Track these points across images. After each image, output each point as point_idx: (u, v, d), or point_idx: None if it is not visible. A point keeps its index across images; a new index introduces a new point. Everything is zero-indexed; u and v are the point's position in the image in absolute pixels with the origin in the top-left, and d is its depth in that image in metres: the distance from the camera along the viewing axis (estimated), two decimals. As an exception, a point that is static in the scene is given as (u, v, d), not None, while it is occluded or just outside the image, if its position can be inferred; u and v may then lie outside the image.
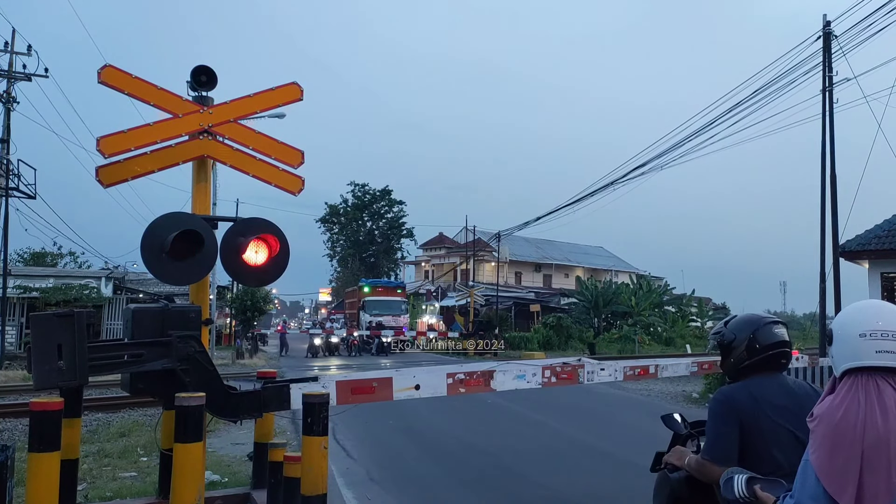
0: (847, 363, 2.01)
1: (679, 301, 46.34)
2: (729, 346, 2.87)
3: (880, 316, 2.01)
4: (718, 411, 2.75)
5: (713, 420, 2.79)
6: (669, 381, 18.14)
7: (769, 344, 2.78)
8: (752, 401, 2.68)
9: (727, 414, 2.71)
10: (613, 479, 7.83)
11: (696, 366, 7.19)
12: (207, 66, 5.68)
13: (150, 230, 4.96)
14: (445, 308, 47.70)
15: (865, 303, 2.12)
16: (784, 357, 2.82)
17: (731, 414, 2.70)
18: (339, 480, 7.42)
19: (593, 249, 74.07)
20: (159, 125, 5.49)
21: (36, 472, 3.90)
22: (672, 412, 3.82)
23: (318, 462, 4.42)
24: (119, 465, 8.09)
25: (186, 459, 4.02)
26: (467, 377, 5.38)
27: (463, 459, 8.86)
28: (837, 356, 2.06)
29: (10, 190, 23.38)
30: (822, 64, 17.94)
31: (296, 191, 5.94)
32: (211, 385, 4.49)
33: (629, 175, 25.45)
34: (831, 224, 17.78)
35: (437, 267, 65.51)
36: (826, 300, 18.02)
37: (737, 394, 2.75)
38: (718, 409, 2.75)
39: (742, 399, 2.71)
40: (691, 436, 3.74)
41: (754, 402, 2.67)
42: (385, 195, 72.71)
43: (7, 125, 23.62)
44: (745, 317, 2.91)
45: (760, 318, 2.85)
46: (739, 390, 2.76)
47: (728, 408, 2.72)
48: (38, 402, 3.96)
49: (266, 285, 14.58)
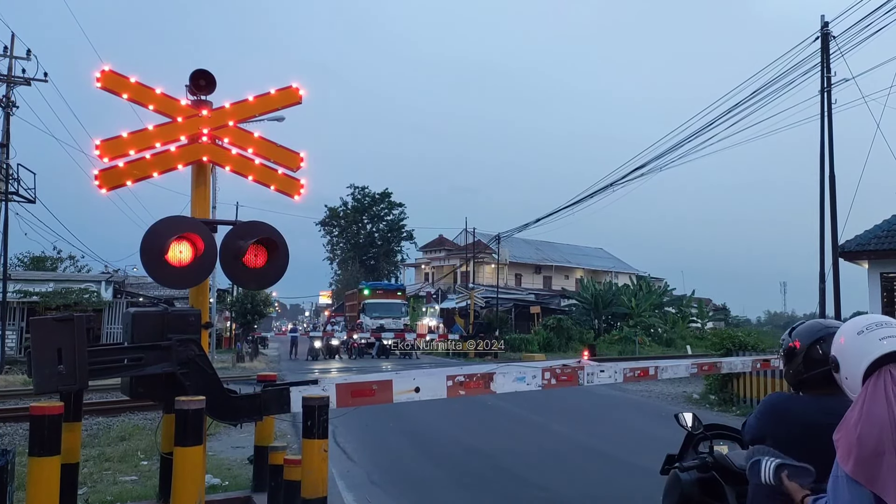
0: (860, 367, 2.02)
1: (679, 302, 46.35)
2: (790, 355, 2.59)
3: (869, 317, 2.12)
4: (757, 412, 2.67)
5: (753, 417, 2.71)
6: (670, 382, 18.13)
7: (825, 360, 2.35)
8: (791, 414, 2.52)
9: (761, 416, 2.63)
10: (613, 480, 7.83)
11: (695, 367, 7.20)
12: (206, 70, 5.70)
13: (150, 234, 4.97)
14: (445, 310, 47.65)
15: (853, 318, 2.23)
16: None
17: (764, 417, 2.61)
18: (339, 483, 7.42)
19: (593, 251, 74.08)
20: (158, 129, 5.51)
21: (36, 476, 3.89)
22: (683, 412, 3.79)
23: (318, 465, 4.42)
24: (119, 468, 8.09)
25: (187, 463, 4.02)
26: (467, 379, 5.39)
27: (463, 462, 8.86)
28: (850, 372, 2.08)
29: (10, 194, 23.41)
30: (821, 64, 17.96)
31: (295, 194, 5.94)
32: (211, 388, 4.49)
33: (629, 176, 25.46)
34: (830, 224, 17.80)
35: (437, 269, 65.48)
36: (826, 300, 18.02)
37: (779, 403, 2.61)
38: (759, 409, 2.67)
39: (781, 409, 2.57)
40: (704, 437, 3.71)
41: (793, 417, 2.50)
42: (385, 198, 72.77)
43: (7, 130, 23.65)
44: (810, 323, 2.61)
45: (826, 327, 2.49)
46: (785, 401, 2.60)
47: (764, 409, 2.63)
48: (38, 407, 3.96)
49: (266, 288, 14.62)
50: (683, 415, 3.72)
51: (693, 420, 3.67)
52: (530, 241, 61.21)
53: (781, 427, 2.52)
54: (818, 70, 18.03)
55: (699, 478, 3.45)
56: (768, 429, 2.58)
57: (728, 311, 60.04)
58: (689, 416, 3.70)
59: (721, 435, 3.75)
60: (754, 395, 13.67)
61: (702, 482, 3.43)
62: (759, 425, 2.63)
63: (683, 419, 3.69)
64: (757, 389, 13.62)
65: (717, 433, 3.75)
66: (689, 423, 3.67)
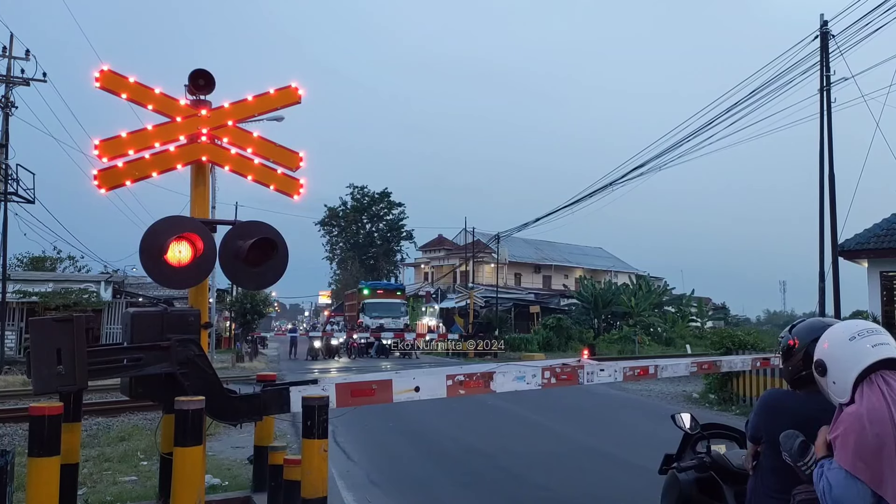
0: (852, 372, 2.05)
1: (679, 301, 46.33)
2: (788, 352, 2.64)
3: (858, 323, 2.17)
4: (754, 409, 2.71)
5: (752, 414, 2.74)
6: (669, 381, 18.14)
7: None
8: (786, 410, 2.56)
9: (758, 413, 2.66)
10: (613, 480, 7.83)
11: (695, 366, 7.18)
12: (205, 70, 5.69)
13: (149, 234, 4.96)
14: (445, 310, 47.64)
15: (839, 324, 2.28)
16: None
17: (760, 414, 2.64)
18: (339, 483, 7.42)
19: (592, 250, 74.08)
20: (157, 129, 5.50)
21: (36, 476, 3.89)
22: (681, 412, 3.79)
23: (318, 465, 4.41)
24: (119, 469, 8.08)
25: (186, 463, 4.02)
26: (467, 379, 5.38)
27: (463, 461, 8.85)
28: (838, 376, 2.10)
29: (9, 195, 23.39)
30: (820, 63, 17.97)
31: (294, 194, 5.94)
32: (211, 389, 4.49)
33: (628, 176, 25.50)
34: (830, 223, 17.80)
35: (436, 269, 65.47)
36: (826, 299, 18.03)
37: (774, 399, 2.65)
38: (756, 406, 2.71)
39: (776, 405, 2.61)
40: (702, 437, 3.71)
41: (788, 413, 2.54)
42: (384, 197, 72.80)
43: (6, 130, 23.63)
44: (810, 321, 2.65)
45: (824, 326, 2.53)
46: (780, 397, 2.65)
47: (760, 406, 2.67)
48: (37, 407, 3.95)
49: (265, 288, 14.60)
50: (681, 415, 3.71)
51: (690, 420, 3.67)
52: (530, 241, 61.20)
53: (777, 423, 2.56)
54: (817, 69, 18.04)
55: (697, 477, 3.45)
56: (764, 425, 2.61)
57: (728, 310, 59.96)
58: (687, 416, 3.70)
59: (719, 434, 3.75)
60: (754, 393, 13.67)
61: (700, 482, 3.43)
62: (757, 421, 2.66)
63: (681, 420, 3.69)
64: (757, 388, 13.61)
65: (714, 433, 3.75)
66: (686, 423, 3.67)
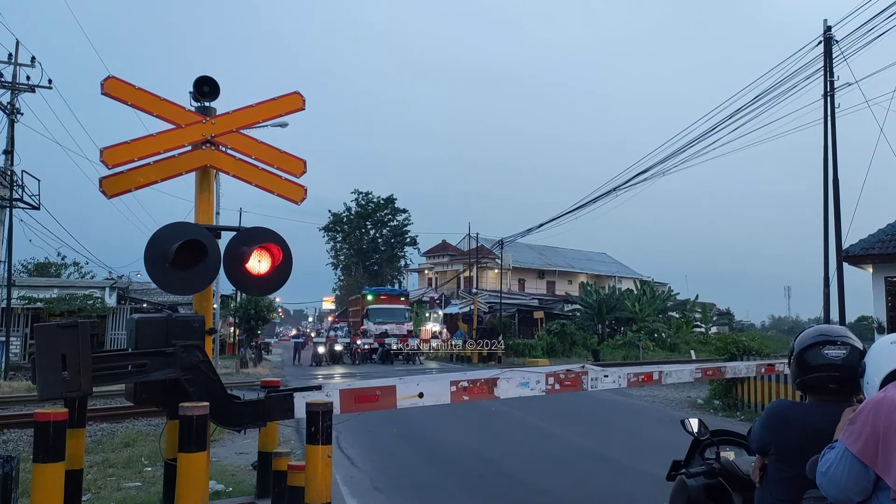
0: (883, 372, 2.11)
1: (683, 307, 46.19)
2: (788, 359, 2.68)
3: None
4: (761, 420, 2.70)
5: (758, 424, 2.73)
6: (674, 387, 18.09)
7: (813, 366, 2.53)
8: (792, 422, 2.55)
9: (765, 424, 2.65)
10: (618, 486, 7.80)
11: (700, 372, 7.17)
12: (210, 77, 5.71)
13: (154, 240, 4.98)
14: (449, 315, 47.59)
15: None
16: (834, 382, 2.49)
17: (766, 426, 2.63)
18: (343, 489, 7.41)
19: (596, 256, 73.98)
20: (162, 136, 5.52)
21: (40, 482, 3.89)
22: (689, 417, 3.77)
23: (322, 471, 4.41)
24: (123, 475, 8.09)
25: (190, 469, 4.02)
26: (471, 385, 5.37)
27: (467, 467, 8.84)
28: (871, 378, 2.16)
29: (14, 201, 23.50)
30: (824, 69, 17.96)
31: (298, 200, 5.96)
32: (215, 394, 4.49)
33: (632, 181, 25.48)
34: (834, 228, 17.75)
35: (440, 274, 65.48)
36: (830, 305, 17.97)
37: (781, 410, 2.63)
38: (763, 417, 2.70)
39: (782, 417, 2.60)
40: (710, 443, 3.69)
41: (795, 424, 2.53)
42: (389, 203, 72.92)
43: (11, 136, 23.76)
44: (808, 330, 2.68)
45: (821, 334, 2.58)
46: (787, 408, 2.63)
47: (767, 417, 2.65)
48: (42, 413, 3.96)
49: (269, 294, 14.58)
50: (689, 420, 3.69)
51: (699, 426, 3.65)
52: (533, 246, 61.18)
53: (784, 434, 2.54)
54: (821, 74, 18.04)
55: (706, 484, 3.43)
56: (772, 437, 2.59)
57: (732, 315, 59.75)
58: (696, 421, 3.67)
59: (728, 441, 3.73)
60: (759, 399, 13.62)
61: (708, 488, 3.41)
62: (763, 433, 2.64)
63: (689, 425, 3.67)
64: (761, 394, 13.57)
65: (723, 439, 3.72)
66: (695, 428, 3.65)
